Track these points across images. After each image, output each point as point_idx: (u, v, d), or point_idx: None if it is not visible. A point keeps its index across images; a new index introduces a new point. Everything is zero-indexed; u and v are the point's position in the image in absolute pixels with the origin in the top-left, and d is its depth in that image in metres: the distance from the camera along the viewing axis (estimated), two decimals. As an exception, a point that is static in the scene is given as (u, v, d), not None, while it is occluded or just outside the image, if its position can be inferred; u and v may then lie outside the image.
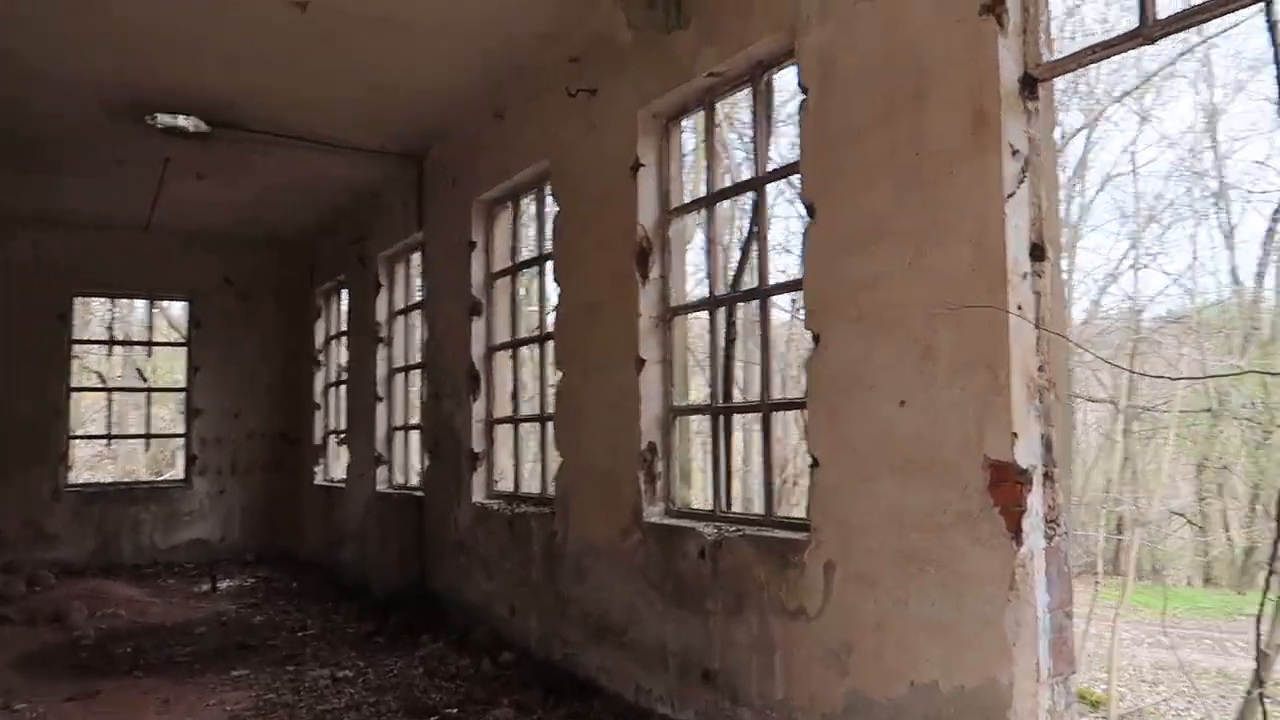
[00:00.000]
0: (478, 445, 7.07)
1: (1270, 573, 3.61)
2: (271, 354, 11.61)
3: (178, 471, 19.03)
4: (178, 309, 15.50)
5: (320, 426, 10.87)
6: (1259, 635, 6.08)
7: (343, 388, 10.59)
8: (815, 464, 4.03)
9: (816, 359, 4.05)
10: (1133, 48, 3.26)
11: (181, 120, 7.27)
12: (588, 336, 5.64)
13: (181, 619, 8.07)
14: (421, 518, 7.87)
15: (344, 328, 10.42)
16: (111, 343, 11.58)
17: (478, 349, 7.13)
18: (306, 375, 11.15)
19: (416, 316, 8.96)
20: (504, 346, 7.11)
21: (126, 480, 12.60)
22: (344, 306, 10.45)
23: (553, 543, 5.91)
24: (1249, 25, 10.91)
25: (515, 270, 6.96)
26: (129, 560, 10.73)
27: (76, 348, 11.09)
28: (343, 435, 10.30)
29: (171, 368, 20.49)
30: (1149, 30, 3.09)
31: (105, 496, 10.78)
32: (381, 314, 9.09)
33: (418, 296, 8.86)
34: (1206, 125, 13.81)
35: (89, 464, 19.70)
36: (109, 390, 11.43)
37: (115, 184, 8.86)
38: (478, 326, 7.15)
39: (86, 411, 19.78)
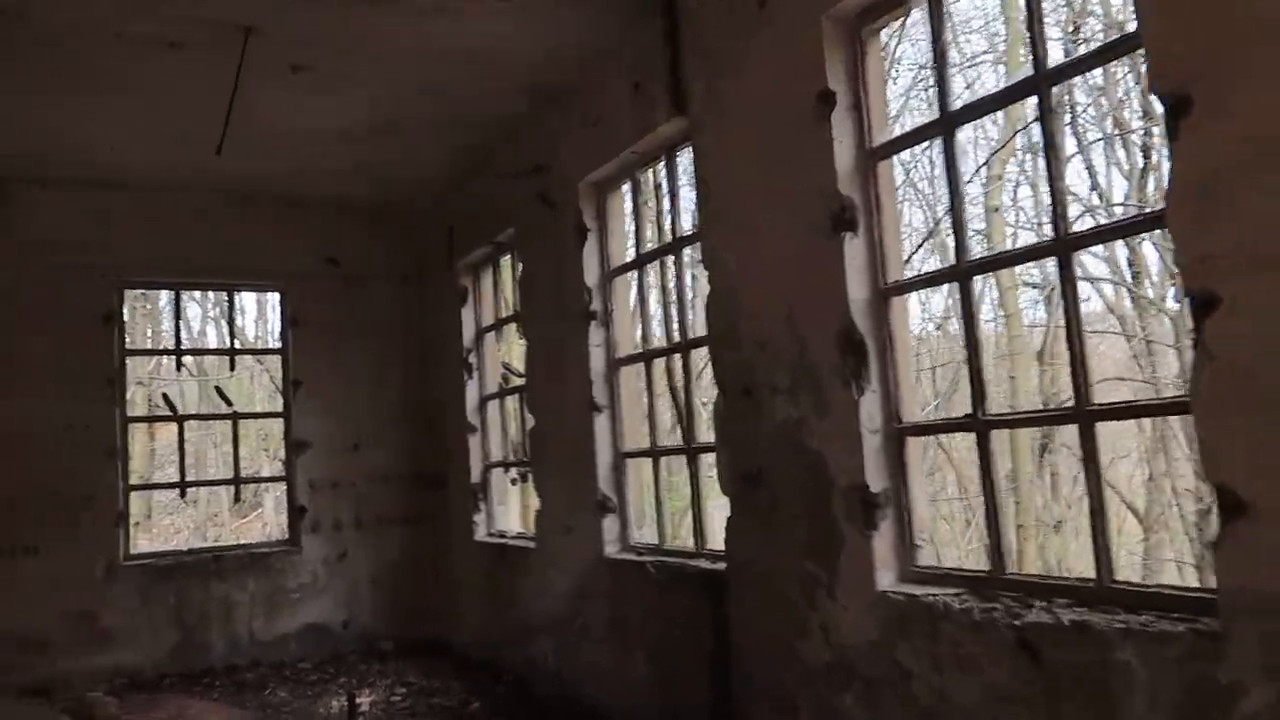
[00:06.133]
0: (875, 480, 3.64)
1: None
2: (397, 360, 8.36)
3: (272, 526, 16.01)
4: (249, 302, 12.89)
5: (477, 458, 7.55)
6: None
7: (511, 400, 7.27)
8: None
9: None
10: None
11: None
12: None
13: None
14: (722, 610, 4.45)
15: (511, 311, 7.12)
16: (179, 352, 8.32)
17: (858, 293, 3.71)
18: (451, 386, 7.86)
19: (654, 273, 5.60)
20: (923, 281, 3.69)
21: (209, 545, 9.38)
22: (508, 280, 7.16)
23: (1231, 703, 2.44)
24: None
25: (947, 129, 3.50)
26: (220, 660, 7.51)
27: (130, 362, 7.88)
28: (522, 469, 6.96)
29: (244, 387, 17.39)
30: None
31: (183, 570, 7.57)
32: (590, 276, 5.73)
33: (654, 240, 5.50)
34: None
35: (152, 525, 16.82)
36: (180, 419, 8.14)
37: (162, 89, 5.65)
38: (854, 252, 3.73)
39: (162, 452, 16.95)
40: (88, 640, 7.10)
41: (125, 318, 7.70)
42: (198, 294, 16.51)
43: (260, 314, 18.29)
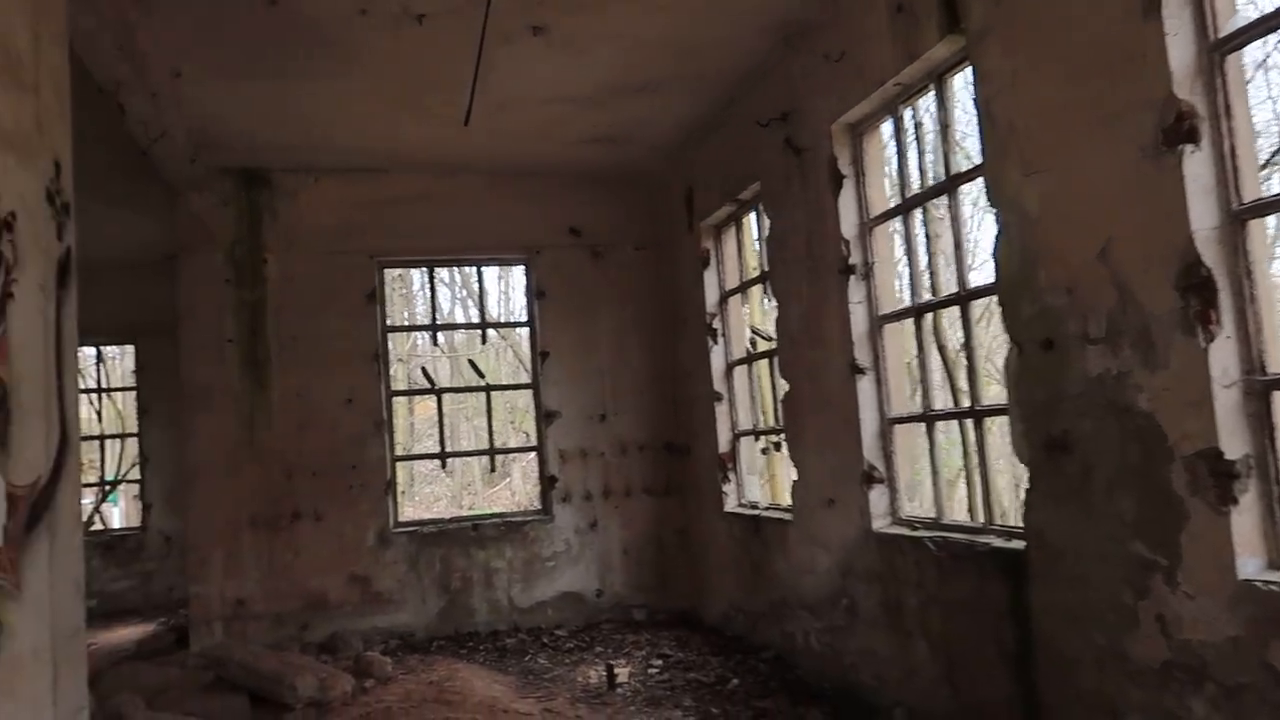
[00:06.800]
0: (1231, 445, 2.98)
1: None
2: (640, 328, 8.25)
3: (520, 495, 16.67)
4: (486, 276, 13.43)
5: (725, 426, 7.30)
6: None
7: (759, 365, 6.95)
8: None
9: None
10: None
11: None
12: None
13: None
14: (1022, 596, 3.92)
15: (757, 271, 6.77)
16: (434, 328, 8.62)
17: (1203, 219, 3.05)
18: (695, 353, 7.65)
19: (920, 219, 5.05)
20: (1303, 197, 2.99)
21: (469, 515, 9.74)
22: (751, 239, 6.82)
23: None
24: None
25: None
26: (483, 625, 7.75)
27: (390, 340, 8.17)
28: (773, 438, 6.63)
29: (490, 363, 18.08)
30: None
31: (446, 538, 7.87)
32: (848, 227, 5.27)
33: (920, 182, 4.95)
34: None
35: (415, 493, 17.93)
36: (438, 392, 8.47)
37: (408, 65, 5.71)
38: (1196, 169, 3.07)
39: (419, 426, 18.09)
40: (364, 602, 7.52)
41: (385, 297, 8.04)
42: (445, 276, 17.35)
43: (503, 292, 19.05)
